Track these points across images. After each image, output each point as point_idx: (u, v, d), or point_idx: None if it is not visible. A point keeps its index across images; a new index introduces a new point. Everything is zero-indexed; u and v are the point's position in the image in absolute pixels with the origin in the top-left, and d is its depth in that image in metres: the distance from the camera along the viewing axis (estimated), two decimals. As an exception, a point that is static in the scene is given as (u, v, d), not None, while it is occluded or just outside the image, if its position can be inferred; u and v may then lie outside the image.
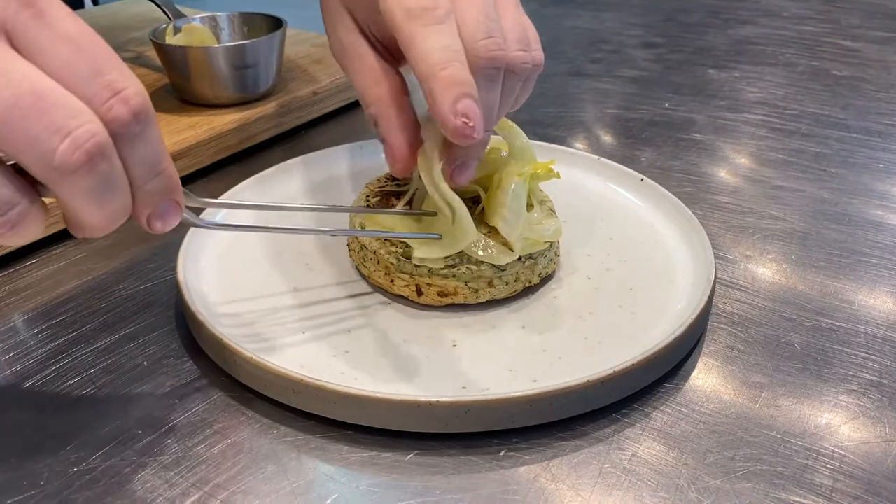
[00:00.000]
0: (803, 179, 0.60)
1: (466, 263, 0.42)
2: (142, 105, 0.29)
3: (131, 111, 0.29)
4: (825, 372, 0.41)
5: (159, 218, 0.32)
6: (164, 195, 0.32)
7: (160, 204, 0.32)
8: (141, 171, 0.30)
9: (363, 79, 0.43)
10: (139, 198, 0.31)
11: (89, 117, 0.28)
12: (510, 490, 0.34)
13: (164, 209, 0.32)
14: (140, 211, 0.32)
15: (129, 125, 0.29)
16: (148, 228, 0.33)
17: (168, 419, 0.37)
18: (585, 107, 0.75)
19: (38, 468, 0.35)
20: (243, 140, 0.62)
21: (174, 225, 0.33)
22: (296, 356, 0.39)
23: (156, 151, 0.30)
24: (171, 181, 0.32)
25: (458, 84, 0.36)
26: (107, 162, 0.28)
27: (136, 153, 0.30)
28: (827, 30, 0.95)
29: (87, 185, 0.28)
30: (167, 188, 0.32)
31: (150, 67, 0.71)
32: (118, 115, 0.28)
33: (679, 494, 0.34)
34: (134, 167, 0.30)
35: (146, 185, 0.31)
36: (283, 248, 0.49)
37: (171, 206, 0.32)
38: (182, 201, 0.33)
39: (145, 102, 0.29)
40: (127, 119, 0.29)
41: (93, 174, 0.28)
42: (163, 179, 0.31)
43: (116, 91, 0.28)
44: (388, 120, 0.42)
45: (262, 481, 0.34)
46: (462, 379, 0.38)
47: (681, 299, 0.43)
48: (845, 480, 0.34)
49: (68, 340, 0.42)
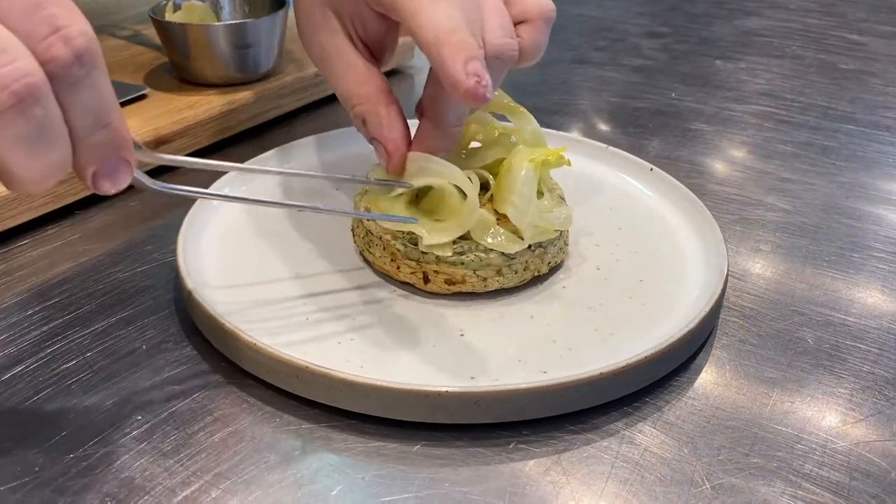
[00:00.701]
0: (812, 173, 0.59)
1: (475, 251, 0.41)
2: (86, 46, 0.26)
3: (73, 51, 0.26)
4: (839, 368, 0.40)
5: (106, 177, 0.29)
6: (112, 151, 0.29)
7: (106, 161, 0.29)
8: (83, 122, 0.27)
9: (349, 79, 0.42)
10: (82, 152, 0.28)
11: (21, 53, 0.25)
12: (520, 483, 0.33)
13: (111, 167, 0.29)
14: (83, 167, 0.29)
15: (70, 67, 0.26)
16: (92, 187, 0.29)
17: (167, 405, 0.36)
18: (590, 95, 0.74)
19: (32, 454, 0.33)
20: (243, 121, 0.61)
21: (123, 185, 0.30)
22: (299, 342, 0.38)
23: (101, 100, 0.27)
24: (118, 135, 0.28)
25: (468, 47, 0.36)
26: (40, 106, 0.25)
27: (77, 100, 0.27)
28: (833, 23, 0.94)
29: (16, 132, 0.25)
30: (114, 143, 0.28)
31: (149, 45, 0.69)
32: (57, 55, 0.25)
33: (693, 490, 0.33)
34: (75, 116, 0.27)
35: (89, 137, 0.28)
36: (284, 232, 0.47)
37: (119, 163, 0.29)
38: (133, 160, 0.30)
39: (91, 44, 0.26)
40: (67, 60, 0.26)
41: (22, 119, 0.25)
42: (109, 133, 0.28)
43: (56, 28, 0.25)
44: (378, 117, 0.41)
45: (264, 471, 0.33)
46: (471, 368, 0.37)
47: (692, 291, 0.43)
48: (863, 479, 0.33)
49: (64, 323, 0.41)
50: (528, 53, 0.42)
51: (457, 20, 0.37)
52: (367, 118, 0.42)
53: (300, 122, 0.65)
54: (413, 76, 0.75)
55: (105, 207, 0.52)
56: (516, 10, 0.42)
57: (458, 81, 0.35)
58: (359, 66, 0.42)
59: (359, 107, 0.42)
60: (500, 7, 0.40)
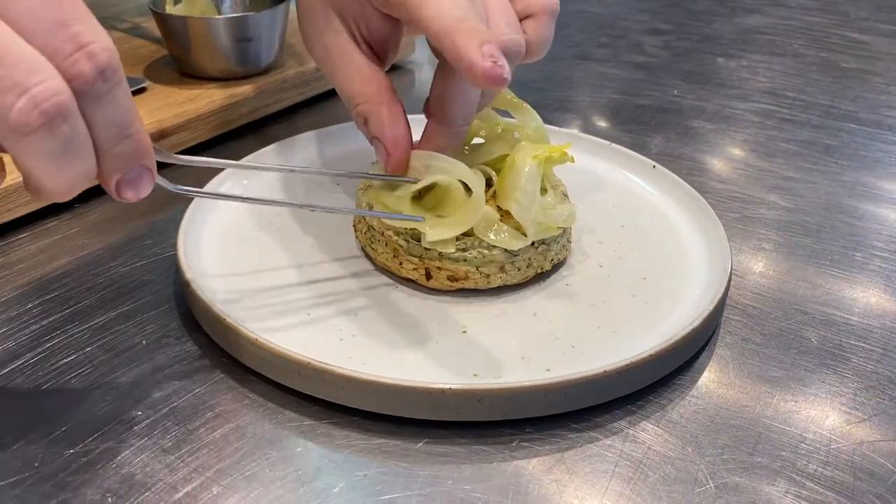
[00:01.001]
0: (815, 171, 0.59)
1: (478, 247, 0.41)
2: (109, 61, 0.26)
3: (97, 68, 0.26)
4: (842, 367, 0.40)
5: (129, 186, 0.30)
6: (134, 160, 0.29)
7: (129, 170, 0.29)
8: (107, 134, 0.28)
9: (353, 79, 0.42)
10: (105, 162, 0.29)
11: (50, 73, 0.25)
12: (523, 481, 0.33)
13: (134, 176, 0.30)
14: (107, 177, 0.29)
15: (95, 83, 0.26)
16: (117, 196, 0.30)
17: (168, 401, 0.36)
18: (592, 92, 0.73)
19: (32, 449, 0.33)
20: (244, 115, 0.60)
21: (146, 193, 0.30)
22: (301, 338, 0.38)
23: (124, 113, 0.28)
24: (140, 145, 0.29)
25: (480, 32, 0.35)
26: (68, 123, 0.26)
27: (101, 114, 0.27)
28: (835, 21, 0.94)
29: (46, 148, 0.26)
30: (136, 153, 0.29)
31: (150, 38, 0.68)
32: (82, 72, 0.26)
33: (696, 489, 0.33)
34: (99, 129, 0.28)
35: (113, 149, 0.28)
36: (286, 227, 0.47)
37: (142, 172, 0.30)
38: (154, 167, 0.30)
39: (113, 58, 0.27)
40: (92, 76, 0.26)
41: (52, 136, 0.26)
42: (131, 143, 0.29)
43: (81, 45, 0.26)
44: (380, 116, 0.41)
45: (265, 468, 0.33)
46: (474, 366, 0.37)
47: (695, 289, 0.42)
48: (867, 479, 0.33)
49: (63, 317, 0.41)
50: (535, 48, 0.42)
51: (465, 8, 0.36)
52: (370, 117, 0.41)
53: (301, 117, 0.64)
54: (414, 71, 0.75)
55: (105, 201, 0.51)
56: (521, 6, 0.42)
57: (475, 64, 0.35)
58: (362, 66, 0.42)
59: (361, 105, 0.42)
60: (504, 4, 0.40)
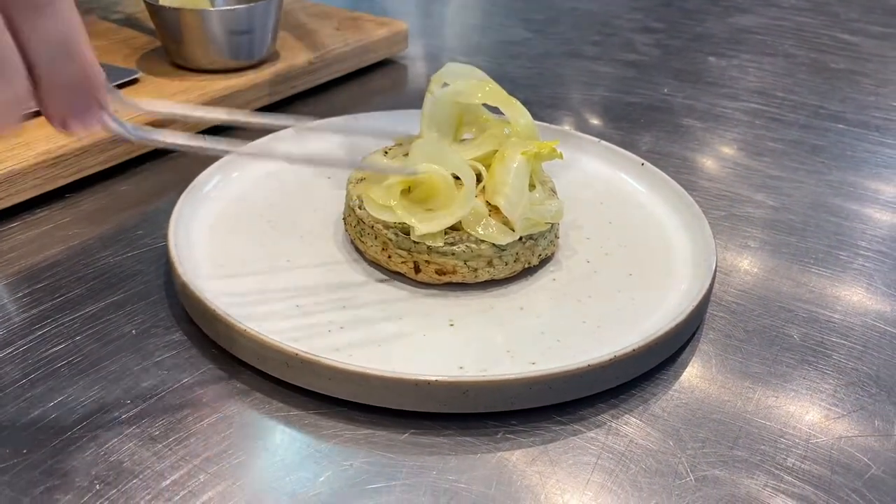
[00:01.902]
0: (802, 171, 0.60)
1: (466, 242, 0.41)
2: None
3: None
4: (823, 364, 0.40)
5: (76, 116, 0.27)
6: (80, 91, 0.26)
7: (75, 103, 0.27)
8: (45, 54, 0.25)
9: None
10: (46, 89, 0.26)
11: None
12: (507, 472, 0.33)
13: (81, 106, 0.27)
14: (51, 107, 0.26)
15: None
16: (60, 128, 0.27)
17: (156, 390, 0.36)
18: (583, 89, 0.74)
19: (20, 437, 0.33)
20: (236, 107, 0.60)
21: (94, 127, 0.28)
22: (289, 329, 0.38)
23: (66, 30, 0.25)
24: (88, 71, 0.26)
25: None
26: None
27: (36, 27, 0.24)
28: (826, 22, 0.95)
29: None
30: (83, 80, 0.26)
31: (142, 29, 0.68)
32: None
33: (677, 481, 0.33)
34: (33, 45, 0.24)
35: (53, 71, 0.25)
36: (276, 219, 0.47)
37: (91, 103, 0.27)
38: (105, 101, 0.27)
39: None
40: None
41: None
42: (75, 67, 0.25)
43: None
44: None
45: (252, 456, 0.33)
46: (460, 359, 0.38)
47: (680, 286, 0.43)
48: (844, 473, 0.34)
49: (53, 306, 0.41)
50: None
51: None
52: None
53: (293, 110, 0.65)
54: (406, 66, 0.75)
55: (96, 191, 0.51)
56: None
57: None
58: None
59: None
60: None
